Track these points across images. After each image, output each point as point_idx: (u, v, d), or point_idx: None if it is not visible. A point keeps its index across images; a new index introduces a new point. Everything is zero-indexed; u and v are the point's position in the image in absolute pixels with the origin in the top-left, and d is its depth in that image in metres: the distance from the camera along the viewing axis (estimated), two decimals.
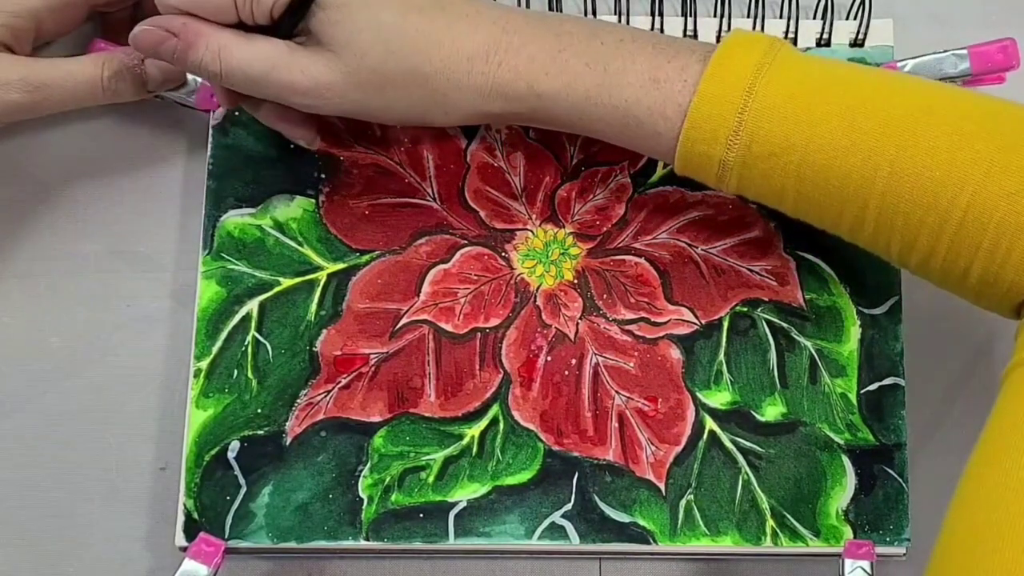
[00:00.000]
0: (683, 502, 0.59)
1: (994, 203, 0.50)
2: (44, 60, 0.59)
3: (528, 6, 0.65)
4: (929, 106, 0.52)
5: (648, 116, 0.54)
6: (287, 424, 0.60)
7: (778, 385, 0.60)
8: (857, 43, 0.65)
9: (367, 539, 0.58)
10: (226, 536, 0.58)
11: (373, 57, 0.55)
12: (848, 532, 0.58)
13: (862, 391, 0.60)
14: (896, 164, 0.51)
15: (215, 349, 0.60)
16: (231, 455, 0.59)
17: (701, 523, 0.58)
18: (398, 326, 0.61)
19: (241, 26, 0.56)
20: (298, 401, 0.60)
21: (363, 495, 0.59)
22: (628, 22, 0.65)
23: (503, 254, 0.62)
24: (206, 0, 0.55)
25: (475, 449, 0.59)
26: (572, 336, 0.61)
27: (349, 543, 0.58)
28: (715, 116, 0.53)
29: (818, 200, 0.53)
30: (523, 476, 0.59)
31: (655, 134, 0.55)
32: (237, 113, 0.63)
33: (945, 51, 0.63)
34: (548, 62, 0.55)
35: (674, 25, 0.65)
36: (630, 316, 0.61)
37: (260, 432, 0.59)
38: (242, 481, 0.59)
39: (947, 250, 0.51)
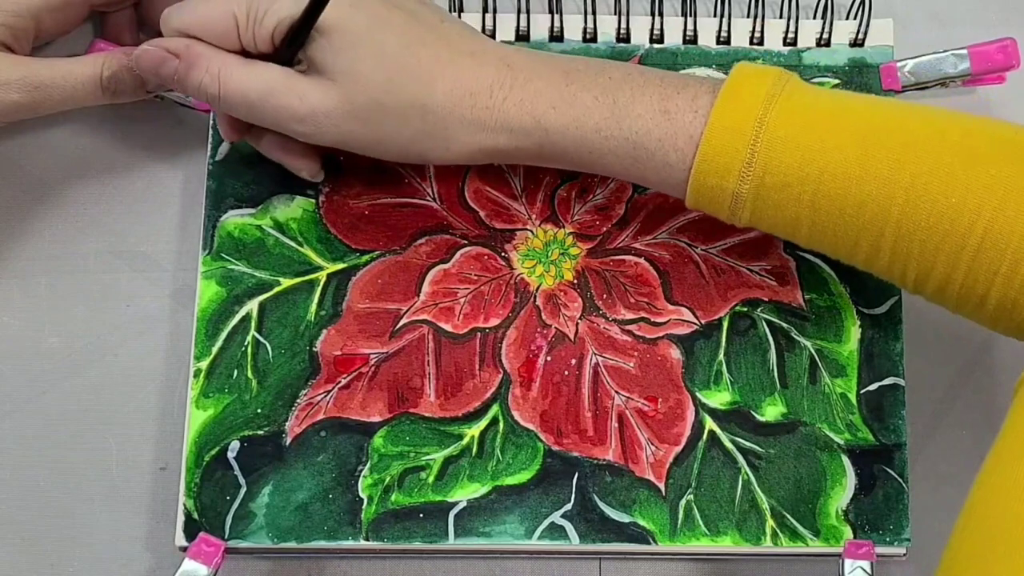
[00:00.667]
0: (683, 502, 0.59)
1: (1011, 227, 0.49)
2: (44, 60, 0.59)
3: (527, 8, 0.65)
4: (941, 131, 0.52)
5: (659, 147, 0.54)
6: (287, 424, 0.60)
7: (778, 385, 0.60)
8: (857, 43, 0.65)
9: (367, 539, 0.58)
10: (226, 536, 0.58)
11: (373, 87, 0.54)
12: (848, 532, 0.58)
13: (862, 391, 0.60)
14: (911, 191, 0.51)
15: (215, 349, 0.60)
16: (231, 455, 0.59)
17: (701, 523, 0.58)
18: (398, 326, 0.61)
19: (244, 54, 0.56)
20: (298, 401, 0.60)
21: (363, 495, 0.59)
22: (628, 22, 0.65)
23: (503, 254, 0.62)
24: (209, 25, 0.55)
25: (475, 449, 0.59)
26: (572, 336, 0.61)
27: (349, 543, 0.58)
28: (728, 148, 0.52)
29: (833, 230, 0.53)
30: (523, 476, 0.59)
31: (665, 165, 0.54)
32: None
33: (945, 51, 0.63)
34: (555, 96, 0.55)
35: (674, 25, 0.65)
36: (630, 316, 0.61)
37: (260, 432, 0.59)
38: (242, 481, 0.59)
39: (964, 276, 0.51)
